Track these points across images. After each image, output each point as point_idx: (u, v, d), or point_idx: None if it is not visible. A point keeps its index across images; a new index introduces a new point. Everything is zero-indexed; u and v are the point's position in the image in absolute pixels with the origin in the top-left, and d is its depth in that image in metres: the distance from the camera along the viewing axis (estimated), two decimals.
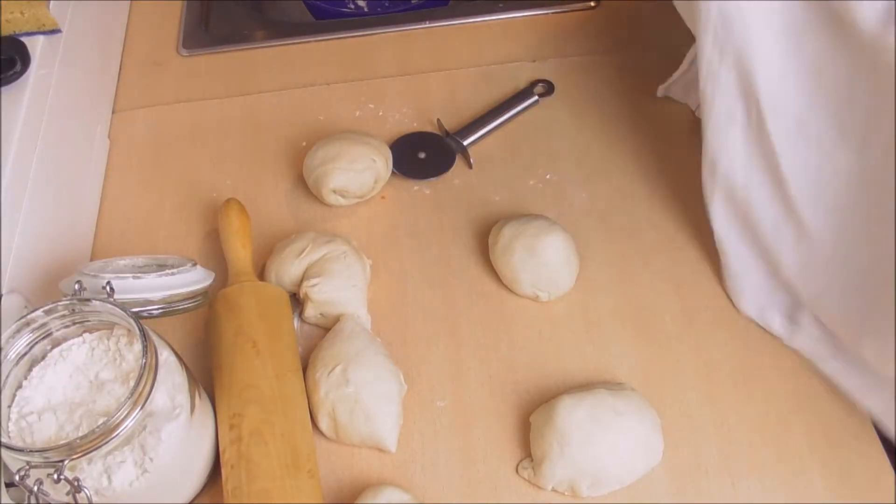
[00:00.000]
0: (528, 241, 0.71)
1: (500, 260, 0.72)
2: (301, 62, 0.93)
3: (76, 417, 0.55)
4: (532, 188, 0.80)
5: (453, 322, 0.71)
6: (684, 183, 0.79)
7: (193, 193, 0.82)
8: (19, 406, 0.56)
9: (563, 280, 0.72)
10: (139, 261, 0.69)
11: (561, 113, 0.86)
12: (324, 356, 0.66)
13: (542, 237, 0.71)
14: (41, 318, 0.57)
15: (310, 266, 0.72)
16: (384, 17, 0.98)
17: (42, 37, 0.75)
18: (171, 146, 0.86)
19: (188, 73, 0.93)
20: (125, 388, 0.56)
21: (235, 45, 0.95)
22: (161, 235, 0.79)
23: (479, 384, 0.68)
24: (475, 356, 0.70)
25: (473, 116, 0.85)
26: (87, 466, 0.54)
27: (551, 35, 0.93)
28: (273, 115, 0.87)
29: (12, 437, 0.54)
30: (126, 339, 0.59)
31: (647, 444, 0.62)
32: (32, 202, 0.68)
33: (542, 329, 0.71)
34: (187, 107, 0.89)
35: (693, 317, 0.71)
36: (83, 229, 0.78)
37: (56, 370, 0.57)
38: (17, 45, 0.72)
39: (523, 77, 0.89)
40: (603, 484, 0.61)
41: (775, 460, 0.63)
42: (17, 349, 0.56)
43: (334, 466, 0.65)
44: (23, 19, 0.73)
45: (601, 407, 0.62)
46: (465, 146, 0.82)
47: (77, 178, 0.78)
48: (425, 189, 0.81)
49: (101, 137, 0.85)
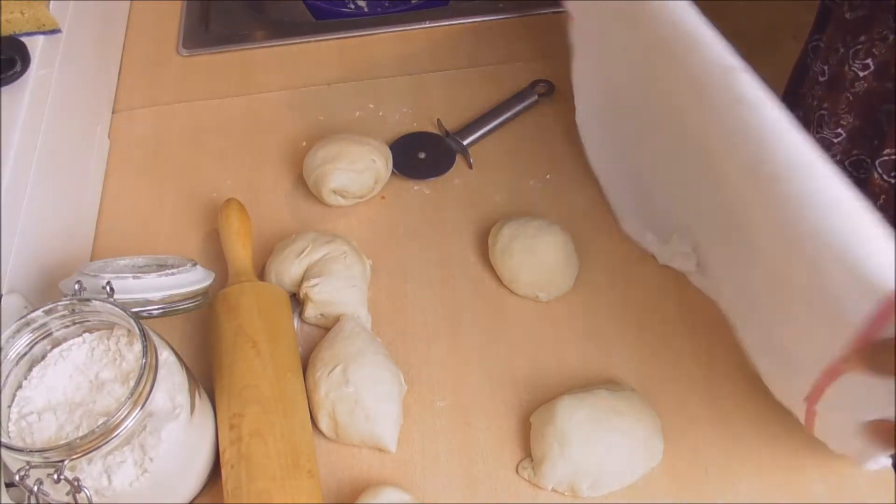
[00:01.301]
0: (527, 241, 0.71)
1: (500, 260, 0.72)
2: (301, 62, 0.93)
3: (76, 417, 0.55)
4: (532, 188, 0.80)
5: (453, 322, 0.71)
6: None
7: (193, 193, 0.82)
8: (19, 406, 0.56)
9: (563, 280, 0.72)
10: (139, 261, 0.69)
11: (561, 113, 0.86)
12: (324, 356, 0.66)
13: (541, 237, 0.71)
14: (41, 318, 0.57)
15: (310, 266, 0.72)
16: (384, 17, 0.98)
17: (42, 37, 0.75)
18: (171, 146, 0.86)
19: (188, 73, 0.93)
20: (125, 388, 0.56)
21: (235, 45, 0.95)
22: (161, 235, 0.79)
23: (479, 384, 0.68)
24: (475, 356, 0.70)
25: (473, 116, 0.85)
26: (87, 466, 0.54)
27: (551, 35, 0.93)
28: (273, 116, 0.87)
29: (12, 437, 0.54)
30: (126, 339, 0.59)
31: (647, 444, 0.62)
32: (32, 202, 0.68)
33: (542, 329, 0.71)
34: (187, 107, 0.89)
35: (693, 317, 0.71)
36: (83, 229, 0.78)
37: (56, 370, 0.57)
38: (17, 45, 0.71)
39: (523, 77, 0.88)
40: (603, 484, 0.62)
41: (775, 460, 0.63)
42: (17, 349, 0.56)
43: (334, 466, 0.65)
44: (23, 19, 0.73)
45: (601, 407, 0.62)
46: (466, 146, 0.82)
47: (77, 179, 0.78)
48: (425, 189, 0.81)
49: (101, 137, 0.85)
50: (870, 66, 0.69)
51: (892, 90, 0.67)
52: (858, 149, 0.73)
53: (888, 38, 0.66)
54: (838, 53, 0.72)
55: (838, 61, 0.72)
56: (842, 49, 0.71)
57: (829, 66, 0.73)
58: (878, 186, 0.71)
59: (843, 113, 0.73)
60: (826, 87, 0.74)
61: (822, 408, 0.55)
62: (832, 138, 0.75)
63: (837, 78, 0.72)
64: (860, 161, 0.73)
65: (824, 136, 0.76)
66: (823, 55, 0.75)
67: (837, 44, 0.72)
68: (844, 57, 0.71)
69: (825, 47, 0.75)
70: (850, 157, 0.74)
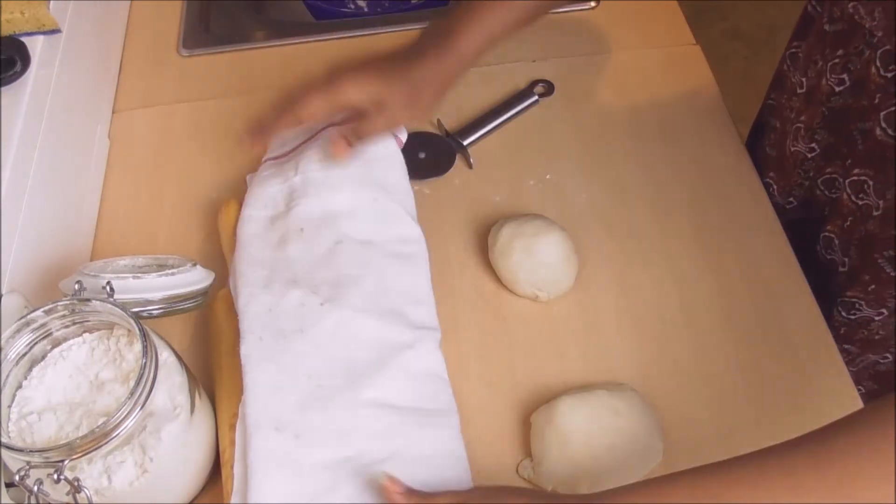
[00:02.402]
0: (527, 241, 0.71)
1: (499, 260, 0.72)
2: (301, 62, 0.93)
3: (76, 417, 0.55)
4: (532, 188, 0.80)
5: (453, 322, 0.71)
6: (684, 183, 0.79)
7: (194, 193, 0.82)
8: (19, 406, 0.56)
9: (563, 280, 0.72)
10: (139, 261, 0.69)
11: (561, 113, 0.86)
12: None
13: (541, 237, 0.71)
14: (41, 318, 0.57)
15: None
16: (384, 17, 0.98)
17: (42, 37, 0.75)
18: (171, 146, 0.86)
19: (188, 73, 0.93)
20: (125, 388, 0.56)
21: (235, 45, 0.95)
22: (161, 235, 0.79)
23: (478, 384, 0.68)
24: (475, 356, 0.70)
25: (473, 116, 0.85)
26: (87, 466, 0.54)
27: (551, 35, 0.93)
28: None
29: (12, 437, 0.54)
30: (126, 339, 0.59)
31: (646, 444, 0.62)
32: (32, 202, 0.68)
33: (542, 329, 0.71)
34: (187, 107, 0.89)
35: (693, 317, 0.71)
36: (83, 229, 0.78)
37: (56, 370, 0.57)
38: (17, 45, 0.71)
39: (523, 77, 0.89)
40: (603, 484, 0.61)
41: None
42: (18, 349, 0.56)
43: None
44: (23, 19, 0.73)
45: (601, 407, 0.62)
46: (465, 146, 0.82)
47: (77, 179, 0.78)
48: (425, 189, 0.81)
49: (101, 137, 0.85)
50: (846, 80, 0.68)
51: (867, 108, 0.66)
52: (832, 167, 0.73)
53: (864, 53, 0.66)
54: (817, 66, 0.71)
55: (817, 73, 0.71)
56: (820, 62, 0.70)
57: (808, 77, 0.73)
58: (846, 207, 0.71)
59: (818, 127, 0.72)
60: (804, 99, 0.74)
61: None
62: (806, 153, 0.74)
63: (815, 90, 0.71)
64: (832, 180, 0.73)
65: (799, 150, 0.75)
66: (802, 66, 0.74)
67: (816, 55, 0.71)
68: (823, 69, 0.70)
69: (804, 57, 0.74)
70: (823, 175, 0.74)
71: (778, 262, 0.74)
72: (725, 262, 0.74)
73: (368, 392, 0.62)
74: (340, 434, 0.60)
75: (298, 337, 0.64)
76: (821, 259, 0.76)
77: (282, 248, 0.69)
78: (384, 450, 0.60)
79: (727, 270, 0.74)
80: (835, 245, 0.74)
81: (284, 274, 0.67)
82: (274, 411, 0.60)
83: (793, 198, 0.79)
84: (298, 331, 0.64)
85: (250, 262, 0.68)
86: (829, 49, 0.69)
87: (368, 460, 0.59)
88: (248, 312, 0.65)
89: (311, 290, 0.66)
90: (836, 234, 0.74)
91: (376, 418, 0.61)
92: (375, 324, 0.65)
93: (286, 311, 0.65)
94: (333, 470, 0.58)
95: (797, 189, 0.78)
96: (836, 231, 0.74)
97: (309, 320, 0.64)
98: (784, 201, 0.81)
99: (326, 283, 0.67)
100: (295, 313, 0.65)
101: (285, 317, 0.65)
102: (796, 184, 0.78)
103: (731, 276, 0.73)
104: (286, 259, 0.68)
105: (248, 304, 0.65)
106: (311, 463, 0.58)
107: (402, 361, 0.64)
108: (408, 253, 0.70)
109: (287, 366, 0.62)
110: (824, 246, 0.76)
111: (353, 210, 0.70)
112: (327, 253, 0.68)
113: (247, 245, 0.69)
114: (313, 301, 0.65)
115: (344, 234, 0.69)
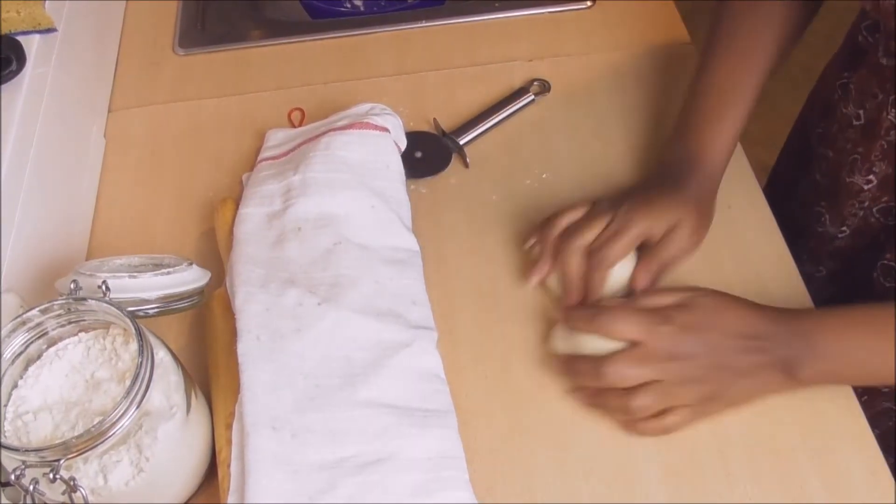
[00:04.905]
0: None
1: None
2: (297, 61, 0.93)
3: (72, 417, 0.55)
4: (528, 187, 0.80)
5: (450, 322, 0.71)
6: None
7: (190, 193, 0.82)
8: (15, 405, 0.56)
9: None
10: (135, 260, 0.69)
11: (557, 112, 0.86)
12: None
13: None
14: (37, 317, 0.57)
15: None
16: (380, 16, 0.98)
17: (38, 36, 0.74)
18: (167, 145, 0.86)
19: (184, 73, 0.93)
20: (121, 387, 0.56)
21: (231, 44, 0.95)
22: (157, 235, 0.79)
23: (476, 384, 0.68)
24: (472, 356, 0.69)
25: (470, 116, 0.85)
26: (83, 466, 0.53)
27: (547, 34, 0.93)
28: (269, 115, 0.87)
29: (8, 436, 0.54)
30: (122, 339, 0.59)
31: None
32: (28, 201, 0.68)
33: (542, 328, 0.71)
34: (183, 106, 0.89)
35: None
36: (79, 228, 0.78)
37: (52, 369, 0.57)
38: (13, 44, 0.71)
39: (519, 76, 0.89)
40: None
41: (772, 461, 0.63)
42: (13, 348, 0.56)
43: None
44: (19, 18, 0.73)
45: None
46: (462, 145, 0.82)
47: (73, 178, 0.78)
48: (421, 188, 0.81)
49: (97, 137, 0.85)
50: None
51: None
52: (888, 196, 0.73)
53: None
54: (876, 99, 0.70)
55: (876, 107, 0.71)
56: (880, 95, 0.70)
57: (865, 110, 0.72)
58: None
59: (877, 160, 0.72)
60: (861, 131, 0.73)
61: None
62: (863, 184, 0.74)
63: (874, 124, 0.71)
64: (888, 208, 0.73)
65: (854, 182, 0.75)
66: (857, 98, 0.74)
67: (874, 89, 0.71)
68: (883, 103, 0.69)
69: (856, 89, 0.73)
70: (879, 204, 0.74)
71: (775, 262, 0.74)
72: (721, 260, 0.74)
73: (366, 392, 0.62)
74: (337, 434, 0.60)
75: (296, 336, 0.64)
76: (878, 287, 0.76)
77: (279, 247, 0.69)
78: (382, 450, 0.60)
79: (723, 268, 0.74)
80: (894, 273, 0.74)
81: (282, 273, 0.67)
82: (271, 411, 0.60)
83: (846, 227, 0.79)
84: (296, 330, 0.64)
85: (247, 261, 0.68)
86: (889, 83, 0.69)
87: (365, 460, 0.59)
88: (245, 311, 0.64)
89: (309, 289, 0.66)
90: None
91: (374, 418, 0.61)
92: (373, 324, 0.65)
93: (283, 311, 0.65)
94: (330, 469, 0.58)
95: (851, 219, 0.78)
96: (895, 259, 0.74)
97: (306, 320, 0.64)
98: (837, 231, 0.80)
99: (324, 283, 0.67)
100: (292, 313, 0.65)
101: (283, 316, 0.65)
102: (850, 214, 0.78)
103: (727, 273, 0.73)
104: (284, 258, 0.68)
105: (245, 302, 0.65)
106: (308, 462, 0.58)
107: (400, 361, 0.64)
108: (403, 259, 0.71)
109: (284, 365, 0.62)
110: (882, 273, 0.76)
111: (351, 214, 0.70)
112: (325, 253, 0.68)
113: (244, 243, 0.69)
114: (311, 301, 0.65)
115: (342, 236, 0.69)
